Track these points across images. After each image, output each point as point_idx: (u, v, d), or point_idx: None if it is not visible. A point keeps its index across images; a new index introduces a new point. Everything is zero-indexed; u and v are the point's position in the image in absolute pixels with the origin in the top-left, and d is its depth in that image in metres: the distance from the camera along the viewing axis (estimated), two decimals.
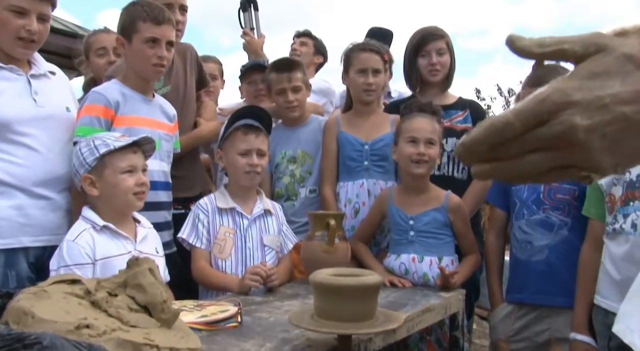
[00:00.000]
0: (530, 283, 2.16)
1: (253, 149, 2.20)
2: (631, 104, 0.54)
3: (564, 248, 2.12)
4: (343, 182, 2.59)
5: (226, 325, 1.54)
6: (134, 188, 1.85)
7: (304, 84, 2.71)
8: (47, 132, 2.03)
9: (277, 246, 2.27)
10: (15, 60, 2.03)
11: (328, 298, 1.29)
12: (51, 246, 2.02)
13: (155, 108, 2.26)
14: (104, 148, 1.83)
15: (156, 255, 1.95)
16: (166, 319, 1.04)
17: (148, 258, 1.12)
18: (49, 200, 2.03)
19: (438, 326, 2.14)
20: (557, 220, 2.15)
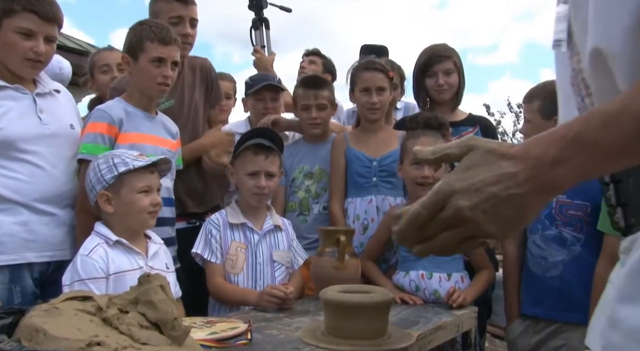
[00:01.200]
0: (545, 298, 2.15)
1: (262, 171, 2.20)
2: (496, 185, 0.74)
3: (578, 264, 2.11)
4: (352, 198, 2.58)
5: (236, 343, 1.53)
6: (148, 208, 1.87)
7: (330, 102, 2.72)
8: (51, 149, 2.05)
9: (286, 262, 2.26)
10: (20, 80, 2.06)
11: (339, 315, 1.28)
12: (55, 261, 2.04)
13: (158, 125, 2.28)
14: (122, 167, 1.85)
15: (167, 271, 1.95)
16: (177, 336, 1.03)
17: (159, 275, 1.12)
18: (53, 216, 2.04)
19: (449, 344, 2.11)
20: (569, 236, 2.13)
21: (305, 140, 2.83)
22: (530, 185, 0.74)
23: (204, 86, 2.71)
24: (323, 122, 2.72)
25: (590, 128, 0.71)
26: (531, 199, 0.75)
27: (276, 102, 2.94)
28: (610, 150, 0.70)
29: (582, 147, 0.71)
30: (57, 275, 2.01)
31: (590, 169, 0.74)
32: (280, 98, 2.96)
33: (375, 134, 2.64)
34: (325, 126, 2.76)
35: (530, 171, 0.74)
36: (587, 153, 0.71)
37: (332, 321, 1.30)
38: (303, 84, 2.77)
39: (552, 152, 0.73)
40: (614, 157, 0.71)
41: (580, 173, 0.73)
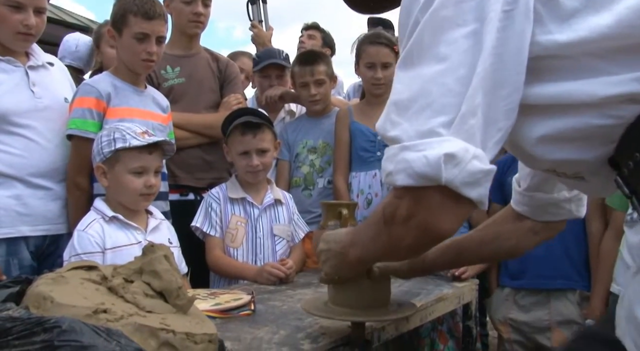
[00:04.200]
0: (528, 268, 2.18)
1: (252, 150, 2.20)
2: (332, 243, 1.21)
3: (563, 232, 2.12)
4: (356, 173, 2.60)
5: (239, 313, 1.56)
6: (141, 190, 1.86)
7: (328, 76, 2.72)
8: (45, 123, 2.05)
9: (287, 235, 2.29)
10: (12, 52, 2.04)
11: (341, 285, 1.30)
12: (51, 235, 2.06)
13: (147, 99, 2.25)
14: (120, 144, 1.84)
15: (169, 246, 1.95)
16: (181, 305, 1.05)
17: (163, 245, 1.14)
18: (49, 191, 2.05)
19: (450, 316, 2.15)
20: None
21: (308, 114, 2.84)
22: (343, 251, 1.14)
23: (218, 78, 2.68)
24: (323, 97, 2.72)
25: (357, 232, 1.11)
26: (341, 262, 1.17)
27: (282, 79, 2.94)
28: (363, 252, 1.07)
29: (355, 243, 1.09)
30: (53, 249, 2.04)
31: (363, 258, 1.08)
32: (286, 76, 2.95)
33: (380, 108, 2.55)
34: (325, 101, 2.76)
35: (344, 243, 1.14)
36: (357, 248, 1.08)
37: (335, 291, 1.32)
38: (299, 60, 2.77)
39: (351, 238, 1.12)
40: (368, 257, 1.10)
41: (357, 258, 1.09)
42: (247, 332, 1.38)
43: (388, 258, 1.17)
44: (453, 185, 0.78)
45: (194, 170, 2.52)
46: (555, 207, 1.20)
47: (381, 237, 0.94)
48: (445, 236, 0.87)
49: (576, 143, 0.82)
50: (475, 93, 0.77)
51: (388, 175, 0.84)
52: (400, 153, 0.81)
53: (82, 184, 2.09)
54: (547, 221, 1.24)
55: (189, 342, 0.95)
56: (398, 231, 0.88)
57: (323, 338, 1.36)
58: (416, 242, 0.88)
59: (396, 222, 0.88)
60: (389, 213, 0.89)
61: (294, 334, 1.39)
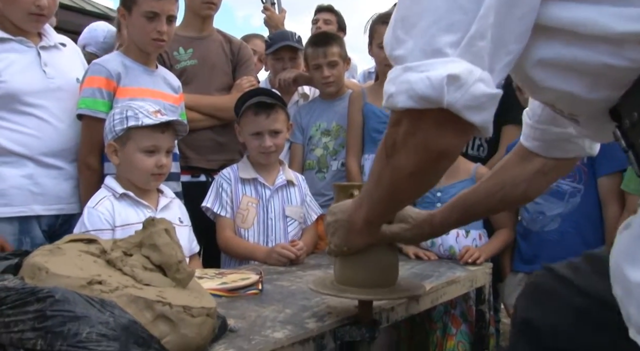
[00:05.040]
0: (542, 253, 2.11)
1: (264, 131, 2.16)
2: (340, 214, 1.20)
3: (577, 216, 2.07)
4: (368, 154, 2.55)
5: (246, 293, 1.53)
6: (152, 170, 1.84)
7: (341, 58, 2.67)
8: (57, 103, 2.04)
9: (299, 217, 2.25)
10: (24, 32, 2.03)
11: (349, 263, 1.26)
12: (64, 214, 2.06)
13: (158, 79, 2.22)
14: (132, 122, 1.82)
15: (180, 224, 1.95)
16: (181, 279, 1.03)
17: (164, 219, 1.11)
18: (61, 170, 2.05)
19: (463, 300, 2.10)
20: (568, 187, 2.08)
21: (322, 97, 2.80)
22: (350, 219, 1.15)
23: (231, 60, 2.64)
24: (336, 79, 2.67)
25: (364, 189, 1.10)
26: (350, 230, 1.17)
27: (295, 61, 2.89)
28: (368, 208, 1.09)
29: (362, 202, 1.11)
30: (66, 228, 2.03)
31: (369, 218, 1.12)
32: (299, 58, 2.90)
33: None
34: (339, 83, 2.71)
35: (351, 210, 1.15)
36: (364, 207, 1.09)
37: (341, 269, 1.28)
38: (312, 42, 2.72)
39: (356, 201, 1.14)
40: (375, 213, 1.10)
41: (364, 219, 1.11)
42: (252, 310, 1.36)
43: (395, 204, 1.06)
44: (455, 108, 0.75)
45: (206, 151, 2.50)
46: (568, 142, 1.13)
47: (384, 175, 0.92)
48: (447, 156, 0.84)
49: (581, 78, 0.78)
50: (487, 13, 0.72)
51: (389, 97, 0.81)
52: (403, 74, 0.77)
53: (93, 164, 2.08)
54: (558, 158, 1.17)
55: (186, 315, 0.92)
56: (399, 160, 0.86)
57: (329, 317, 1.32)
58: (419, 167, 0.85)
59: (396, 148, 0.85)
60: (389, 142, 0.86)
61: (299, 313, 1.35)
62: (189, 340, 0.92)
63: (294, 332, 1.21)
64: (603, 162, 2.04)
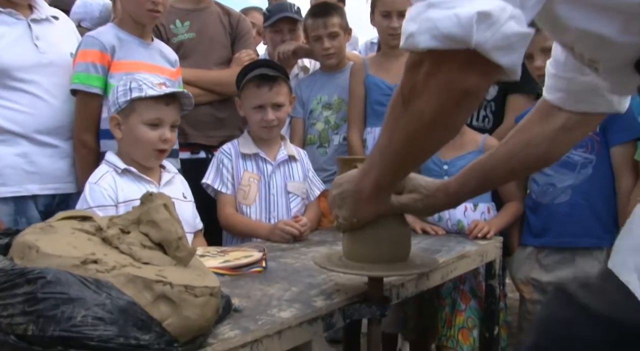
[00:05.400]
0: (552, 226, 2.05)
1: (267, 104, 2.08)
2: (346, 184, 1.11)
3: (589, 187, 2.00)
4: (371, 128, 2.48)
5: (249, 270, 1.48)
6: (155, 144, 1.76)
7: (342, 29, 2.57)
8: (50, 78, 1.97)
9: (302, 193, 2.19)
10: (14, 4, 1.94)
11: (358, 237, 1.19)
12: (60, 194, 1.99)
13: (154, 52, 2.13)
14: (136, 93, 1.74)
15: (184, 200, 1.89)
16: (182, 257, 0.96)
17: (162, 193, 1.04)
18: (56, 148, 1.98)
19: (472, 275, 2.04)
20: (580, 158, 2.01)
21: (322, 70, 2.71)
22: (357, 188, 1.07)
23: (229, 33, 2.55)
24: (337, 50, 2.58)
25: (373, 151, 1.03)
26: (360, 197, 1.08)
27: (294, 33, 2.80)
28: (380, 170, 1.01)
29: (371, 165, 1.03)
30: (63, 208, 1.96)
31: (380, 181, 1.03)
32: (298, 30, 2.81)
33: (397, 60, 2.49)
34: (340, 54, 2.62)
35: (357, 178, 1.07)
36: (373, 170, 1.02)
37: (350, 245, 1.21)
38: (311, 13, 2.62)
39: (364, 166, 1.05)
40: (386, 174, 1.02)
41: (374, 183, 1.04)
42: (256, 289, 1.30)
43: (410, 161, 0.98)
44: (483, 48, 0.68)
45: (205, 127, 2.42)
46: (595, 95, 1.04)
47: (400, 127, 0.86)
48: (471, 95, 0.77)
49: (614, 18, 0.71)
50: None
51: (409, 37, 0.73)
52: (426, 11, 0.70)
53: (89, 141, 2.01)
54: (583, 112, 1.09)
55: (188, 295, 0.86)
56: (419, 105, 0.79)
57: (337, 295, 1.26)
58: (441, 110, 0.78)
59: (416, 92, 0.78)
60: (407, 87, 0.80)
61: (306, 291, 1.30)
62: (192, 321, 0.86)
63: (302, 311, 1.15)
64: (616, 131, 1.97)
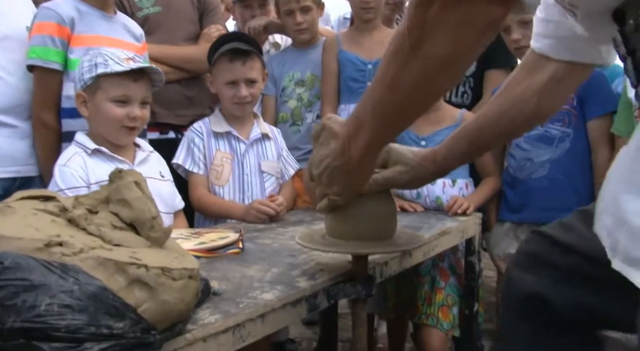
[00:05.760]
0: (530, 201, 2.03)
1: (240, 80, 2.00)
2: (328, 158, 1.01)
3: (567, 161, 1.99)
4: (345, 105, 2.41)
5: (226, 252, 1.41)
6: (123, 121, 1.67)
7: (315, 3, 2.47)
8: (4, 54, 1.84)
9: (276, 172, 2.12)
10: None
11: (342, 214, 1.13)
12: (22, 177, 1.87)
13: (117, 26, 2.00)
14: (101, 69, 1.63)
15: (161, 179, 1.81)
16: (156, 238, 0.88)
17: (133, 170, 0.96)
18: (14, 128, 1.86)
19: (451, 252, 2.02)
20: (557, 132, 1.99)
21: (294, 46, 2.61)
22: (343, 158, 0.98)
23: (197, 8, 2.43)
24: (310, 25, 2.49)
25: (362, 110, 0.93)
26: (348, 168, 1.00)
27: (264, 8, 2.68)
28: (373, 127, 0.91)
29: (360, 125, 0.93)
30: None
31: (372, 142, 0.94)
32: (268, 4, 2.69)
33: (370, 35, 2.42)
34: (313, 29, 2.53)
35: (340, 147, 0.98)
36: (363, 131, 0.92)
37: (334, 222, 1.15)
38: None
39: (347, 131, 0.97)
40: (381, 131, 0.92)
41: (365, 145, 0.95)
42: (235, 271, 1.23)
43: (414, 111, 0.90)
44: None
45: (174, 106, 2.31)
46: (583, 43, 0.99)
47: (406, 74, 0.79)
48: (493, 26, 0.73)
49: None
50: None
51: None
52: None
53: (49, 121, 1.89)
54: (571, 61, 1.05)
55: (165, 278, 0.78)
56: (433, 45, 0.73)
57: (321, 275, 1.20)
58: (457, 47, 0.73)
59: (428, 31, 0.72)
60: (415, 27, 0.73)
61: (288, 272, 1.23)
62: (170, 306, 0.79)
63: (285, 292, 1.08)
64: (593, 105, 1.95)
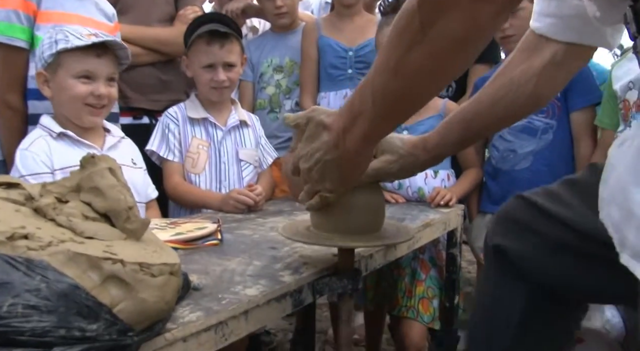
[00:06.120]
0: (512, 192, 1.98)
1: (218, 63, 1.91)
2: (319, 151, 0.93)
3: (550, 152, 1.97)
4: (325, 92, 2.35)
5: (205, 243, 1.33)
6: (86, 98, 1.57)
7: None
8: None
9: (254, 161, 2.04)
10: None
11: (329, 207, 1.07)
12: None
13: (88, 3, 1.89)
14: (62, 45, 1.53)
15: (133, 166, 1.73)
16: (133, 229, 0.81)
17: (106, 156, 0.88)
18: None
19: (432, 244, 1.97)
20: (541, 123, 1.97)
21: (273, 30, 2.53)
22: (337, 151, 0.91)
23: None
24: (290, 9, 2.41)
25: (359, 99, 0.84)
26: (342, 162, 0.92)
27: None
28: (372, 117, 0.83)
29: (357, 116, 0.85)
30: None
31: (370, 133, 0.86)
32: None
33: (352, 20, 2.36)
34: (292, 14, 2.45)
35: (334, 139, 0.91)
36: (361, 121, 0.85)
37: (320, 215, 1.09)
38: None
39: (342, 122, 0.89)
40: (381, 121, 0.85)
41: (362, 137, 0.87)
42: (215, 264, 1.16)
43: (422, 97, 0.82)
44: None
45: (148, 90, 2.20)
46: (586, 23, 0.93)
47: (413, 54, 0.72)
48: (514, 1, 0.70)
49: None
50: None
51: None
52: None
53: (14, 102, 1.77)
54: (572, 42, 1.00)
55: (144, 274, 0.71)
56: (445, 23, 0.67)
57: (306, 269, 1.14)
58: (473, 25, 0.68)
59: (441, 8, 0.67)
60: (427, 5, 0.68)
61: (270, 265, 1.17)
62: (150, 305, 0.71)
63: (270, 287, 1.02)
64: (576, 96, 1.93)
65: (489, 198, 2.09)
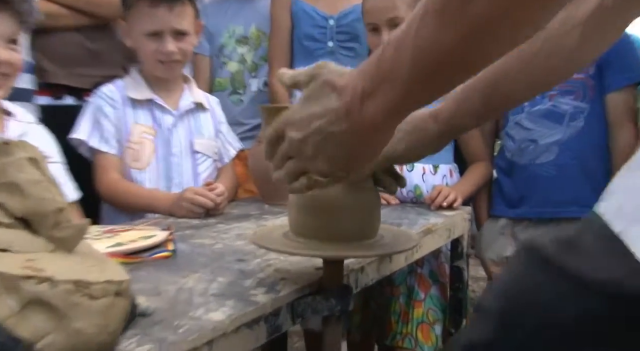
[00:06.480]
0: (533, 192, 2.01)
1: (165, 30, 1.87)
2: (322, 119, 0.81)
3: (579, 143, 1.96)
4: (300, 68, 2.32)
5: (153, 256, 1.29)
6: None
7: None
8: None
9: (213, 153, 2.03)
10: None
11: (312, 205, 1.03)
12: None
13: None
14: None
15: (47, 161, 1.64)
16: (64, 238, 0.75)
17: (26, 143, 0.82)
18: None
19: (432, 256, 1.96)
20: (569, 107, 1.96)
21: None
22: (348, 122, 0.80)
23: None
24: None
25: (390, 57, 0.74)
26: (353, 137, 0.81)
27: None
28: (408, 81, 0.74)
29: (385, 79, 0.75)
30: None
31: (398, 102, 0.77)
32: None
33: None
34: None
35: (346, 106, 0.79)
36: (392, 87, 0.75)
37: (302, 215, 1.05)
38: None
39: (362, 85, 0.77)
40: (418, 89, 0.75)
41: (387, 107, 0.77)
42: (167, 282, 1.11)
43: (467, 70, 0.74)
44: None
45: (73, 63, 2.13)
46: None
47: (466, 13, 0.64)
48: None
49: None
50: None
51: None
52: None
53: None
54: None
55: (80, 297, 0.66)
56: None
57: (283, 286, 1.10)
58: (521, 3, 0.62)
59: None
60: None
61: (239, 282, 1.12)
62: (87, 337, 0.66)
63: (239, 310, 0.97)
64: (615, 73, 1.92)
65: (502, 199, 2.08)
